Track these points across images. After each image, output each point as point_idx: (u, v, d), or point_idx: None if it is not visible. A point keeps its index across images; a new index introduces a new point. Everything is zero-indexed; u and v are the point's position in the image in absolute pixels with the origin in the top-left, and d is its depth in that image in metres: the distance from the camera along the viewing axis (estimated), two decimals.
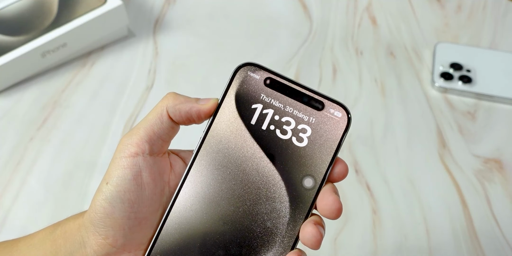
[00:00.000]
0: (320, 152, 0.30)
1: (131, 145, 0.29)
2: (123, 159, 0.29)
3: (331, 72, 0.67)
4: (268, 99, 0.30)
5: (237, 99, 0.30)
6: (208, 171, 0.30)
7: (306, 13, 0.75)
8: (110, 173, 0.29)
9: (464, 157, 0.59)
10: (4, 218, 0.51)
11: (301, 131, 0.30)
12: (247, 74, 0.31)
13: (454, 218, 0.54)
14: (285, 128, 0.30)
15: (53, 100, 0.62)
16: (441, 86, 0.65)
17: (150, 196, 0.29)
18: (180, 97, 0.30)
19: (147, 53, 0.68)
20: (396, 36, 0.73)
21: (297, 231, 0.29)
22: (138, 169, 0.29)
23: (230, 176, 0.30)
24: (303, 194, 0.30)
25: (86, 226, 0.29)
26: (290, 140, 0.30)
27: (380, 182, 0.56)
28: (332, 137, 0.30)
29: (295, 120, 0.30)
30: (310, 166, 0.30)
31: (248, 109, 0.30)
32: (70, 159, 0.56)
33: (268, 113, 0.30)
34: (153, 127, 0.30)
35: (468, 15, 0.77)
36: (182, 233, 0.29)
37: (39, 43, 0.61)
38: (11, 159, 0.56)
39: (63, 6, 0.65)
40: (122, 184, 0.29)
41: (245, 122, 0.30)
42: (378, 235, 0.52)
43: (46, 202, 0.53)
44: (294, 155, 0.30)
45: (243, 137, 0.30)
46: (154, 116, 0.30)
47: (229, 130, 0.30)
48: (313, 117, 0.30)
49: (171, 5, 0.75)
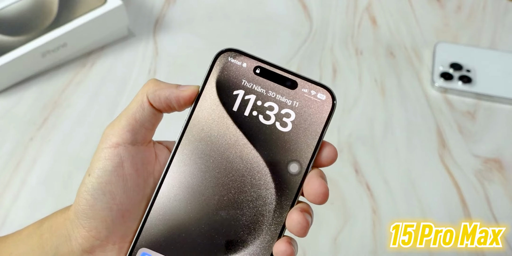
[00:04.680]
0: (305, 136, 0.29)
1: (112, 135, 0.29)
2: (104, 150, 0.29)
3: (331, 72, 0.67)
4: (250, 84, 0.29)
5: (218, 86, 0.29)
6: (191, 160, 0.29)
7: (306, 13, 0.75)
8: (92, 164, 0.29)
9: (464, 157, 0.59)
10: (4, 218, 0.51)
11: (285, 116, 0.29)
12: (227, 60, 0.30)
13: (454, 218, 0.54)
14: (268, 113, 0.29)
15: (53, 100, 0.62)
16: (441, 86, 0.65)
17: (133, 187, 0.29)
18: (160, 83, 0.30)
19: (147, 53, 0.68)
20: (396, 36, 0.73)
21: (284, 218, 0.29)
22: (120, 160, 0.28)
23: (214, 165, 0.29)
24: (289, 180, 0.29)
25: (71, 219, 0.29)
26: (274, 125, 0.29)
27: (380, 182, 0.56)
28: (317, 120, 0.29)
29: (278, 105, 0.29)
30: (295, 151, 0.29)
31: (230, 96, 0.29)
32: (70, 159, 0.56)
33: (250, 99, 0.29)
34: (135, 115, 0.29)
35: (468, 15, 0.77)
36: (166, 224, 0.29)
37: (39, 43, 0.61)
38: (11, 159, 0.56)
39: (63, 6, 0.65)
40: (103, 176, 0.28)
41: (227, 109, 0.29)
42: (378, 235, 0.52)
43: (46, 202, 0.53)
44: (279, 140, 0.29)
45: (226, 124, 0.29)
46: (135, 104, 0.29)
47: (211, 117, 0.29)
48: (296, 101, 0.29)
49: (171, 5, 0.75)
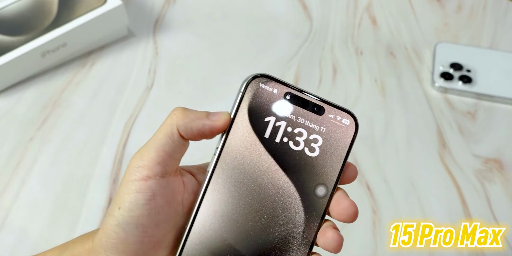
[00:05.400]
0: (331, 160, 0.30)
1: (142, 167, 0.28)
2: (135, 182, 0.28)
3: (331, 72, 0.67)
4: (281, 111, 0.30)
5: (250, 113, 0.29)
6: (225, 188, 0.29)
7: (306, 13, 0.75)
8: (121, 197, 0.28)
9: (464, 157, 0.59)
10: (4, 218, 0.51)
11: (313, 141, 0.30)
12: (258, 86, 0.29)
13: (454, 218, 0.54)
14: (298, 139, 0.30)
15: (53, 100, 0.62)
16: (441, 86, 0.65)
17: (164, 218, 0.28)
18: (189, 114, 0.29)
19: (147, 53, 0.68)
20: (396, 36, 0.73)
21: (312, 239, 0.30)
22: (151, 193, 0.28)
23: (247, 192, 0.29)
24: (316, 203, 0.30)
25: (96, 252, 0.28)
26: (303, 151, 0.30)
27: (380, 182, 0.56)
28: (341, 144, 0.31)
29: (307, 131, 0.30)
30: (322, 175, 0.30)
31: (261, 122, 0.29)
32: (70, 159, 0.56)
33: (280, 126, 0.30)
34: (164, 147, 0.28)
35: (468, 15, 0.76)
36: (203, 254, 0.29)
37: (39, 43, 0.61)
38: (11, 159, 0.56)
39: (63, 6, 0.65)
40: (135, 209, 0.28)
41: (259, 136, 0.29)
42: (378, 235, 0.52)
43: (46, 202, 0.53)
44: (307, 165, 0.30)
45: (258, 152, 0.29)
46: (164, 135, 0.29)
47: (244, 145, 0.29)
48: (323, 126, 0.30)
49: (171, 5, 0.75)
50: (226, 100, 0.64)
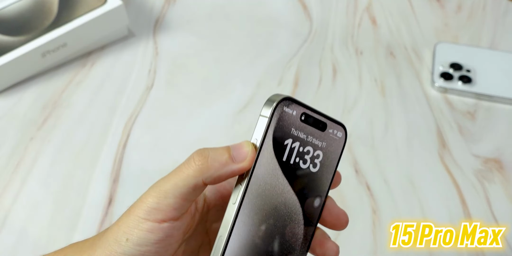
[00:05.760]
0: (327, 172, 0.31)
1: (157, 210, 0.27)
2: (147, 222, 0.27)
3: (331, 72, 0.67)
4: (297, 132, 0.29)
5: (274, 138, 0.28)
6: (250, 218, 0.28)
7: (306, 13, 0.75)
8: (131, 229, 0.27)
9: (464, 157, 0.59)
10: (4, 218, 0.51)
11: (316, 157, 0.30)
12: (282, 109, 0.28)
13: (454, 218, 0.54)
14: (306, 157, 0.30)
15: (53, 100, 0.62)
16: (441, 86, 0.65)
17: (173, 248, 0.29)
18: (213, 162, 0.27)
19: (147, 53, 0.68)
20: (396, 36, 0.73)
21: (308, 243, 0.31)
22: (163, 235, 0.27)
23: (266, 218, 0.29)
24: (314, 213, 0.31)
25: None
26: (308, 168, 0.30)
27: (380, 182, 0.56)
28: (335, 156, 0.31)
29: (313, 148, 0.30)
30: (319, 187, 0.30)
31: (282, 146, 0.28)
32: (70, 159, 0.56)
33: (295, 147, 0.29)
34: (184, 196, 0.28)
35: (468, 15, 0.77)
36: None
37: (39, 43, 0.61)
38: (11, 159, 0.56)
39: (63, 6, 0.65)
40: (144, 245, 0.27)
41: (279, 160, 0.28)
42: (378, 235, 0.52)
43: (46, 202, 0.53)
44: (310, 181, 0.30)
45: (277, 176, 0.29)
46: (185, 185, 0.27)
47: (267, 171, 0.28)
48: (324, 141, 0.30)
49: (171, 5, 0.75)
50: (226, 100, 0.64)
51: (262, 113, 0.28)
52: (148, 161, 0.57)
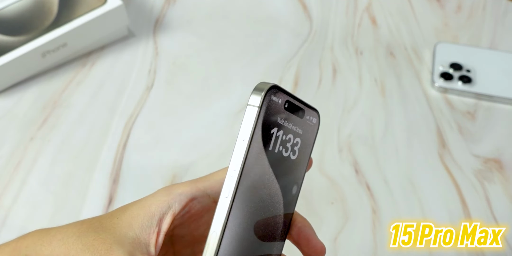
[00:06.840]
0: (303, 159, 0.30)
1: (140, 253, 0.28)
2: None
3: (331, 72, 0.67)
4: (281, 121, 0.28)
5: (262, 128, 0.27)
6: (240, 211, 0.28)
7: (306, 13, 0.75)
8: None
9: (464, 157, 0.59)
10: (4, 218, 0.51)
11: (295, 145, 0.29)
12: (270, 98, 0.27)
13: (454, 218, 0.54)
14: (287, 145, 0.29)
15: (53, 100, 0.62)
16: (441, 86, 0.65)
17: None
18: None
19: (147, 53, 0.68)
20: (396, 36, 0.73)
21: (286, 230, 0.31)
22: None
23: (255, 209, 0.28)
24: (292, 200, 0.30)
25: None
26: (289, 156, 0.29)
27: (380, 182, 0.56)
28: (309, 142, 0.30)
29: (293, 136, 0.29)
30: (297, 174, 0.30)
31: (269, 135, 0.28)
32: (70, 159, 0.56)
33: (279, 135, 0.28)
34: None
35: (468, 15, 0.77)
36: None
37: (39, 43, 0.61)
38: (11, 159, 0.56)
39: (63, 6, 0.65)
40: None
41: (266, 150, 0.28)
42: (378, 235, 0.52)
43: (46, 202, 0.53)
44: (289, 169, 0.30)
45: (263, 166, 0.28)
46: None
47: (256, 162, 0.28)
48: (302, 128, 0.30)
49: (171, 5, 0.75)
50: (226, 100, 0.64)
51: (251, 102, 0.27)
52: (148, 161, 0.57)
